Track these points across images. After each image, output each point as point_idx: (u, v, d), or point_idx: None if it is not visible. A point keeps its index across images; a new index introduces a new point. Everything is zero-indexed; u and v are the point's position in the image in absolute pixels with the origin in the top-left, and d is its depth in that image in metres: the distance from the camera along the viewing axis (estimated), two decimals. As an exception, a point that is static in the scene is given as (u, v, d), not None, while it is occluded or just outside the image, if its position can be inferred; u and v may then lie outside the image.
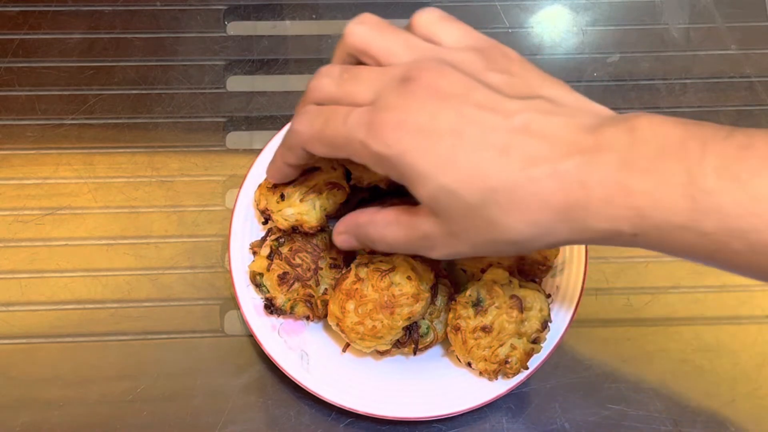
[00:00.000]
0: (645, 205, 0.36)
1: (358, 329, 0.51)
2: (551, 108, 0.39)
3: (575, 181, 0.37)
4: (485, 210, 0.38)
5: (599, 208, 0.37)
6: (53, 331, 0.59)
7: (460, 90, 0.40)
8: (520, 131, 0.38)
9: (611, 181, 0.36)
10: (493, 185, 0.38)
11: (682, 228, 0.36)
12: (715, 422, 0.57)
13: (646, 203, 0.36)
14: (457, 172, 0.38)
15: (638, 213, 0.36)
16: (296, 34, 0.72)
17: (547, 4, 0.74)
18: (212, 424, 0.56)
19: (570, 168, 0.37)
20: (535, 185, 0.37)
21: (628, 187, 0.36)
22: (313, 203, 0.53)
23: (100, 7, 0.72)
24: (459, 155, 0.38)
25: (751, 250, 0.35)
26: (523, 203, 0.38)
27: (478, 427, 0.57)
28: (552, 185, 0.37)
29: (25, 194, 0.64)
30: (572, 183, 0.37)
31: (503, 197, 0.38)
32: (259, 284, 0.55)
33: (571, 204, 0.37)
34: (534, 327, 0.52)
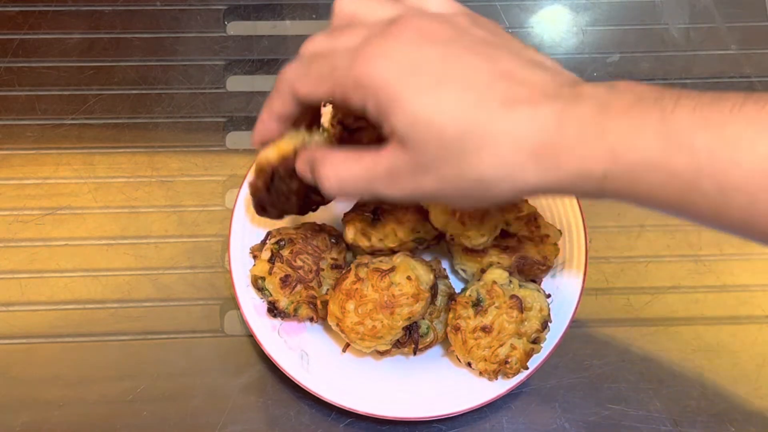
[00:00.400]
0: (618, 143, 0.36)
1: (358, 329, 0.51)
2: (534, 64, 0.40)
3: (552, 123, 0.37)
4: (459, 143, 0.38)
5: (572, 148, 0.37)
6: (53, 331, 0.59)
7: (447, 35, 0.40)
8: (504, 76, 0.39)
9: (587, 122, 0.37)
10: (471, 119, 0.38)
11: (653, 167, 0.36)
12: (715, 422, 0.57)
13: (619, 142, 0.36)
14: (436, 102, 0.39)
15: (611, 152, 0.36)
16: (296, 34, 0.72)
17: (547, 4, 0.74)
18: (212, 424, 0.56)
19: (548, 112, 0.37)
20: (512, 124, 0.38)
21: (603, 127, 0.36)
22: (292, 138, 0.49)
23: (100, 7, 0.72)
24: (441, 88, 0.39)
25: (719, 191, 0.35)
26: (498, 140, 0.38)
27: (478, 427, 0.57)
28: (528, 126, 0.37)
29: (25, 194, 0.64)
30: (549, 124, 0.37)
31: (478, 132, 0.38)
32: (261, 288, 0.55)
33: (545, 144, 0.37)
34: (534, 327, 0.52)
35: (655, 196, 0.37)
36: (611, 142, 0.36)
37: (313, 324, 0.56)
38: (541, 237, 0.56)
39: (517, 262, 0.55)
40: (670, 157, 0.35)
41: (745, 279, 0.62)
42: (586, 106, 0.37)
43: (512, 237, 0.55)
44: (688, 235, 0.63)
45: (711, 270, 0.62)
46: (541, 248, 0.55)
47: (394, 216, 0.54)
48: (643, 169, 0.36)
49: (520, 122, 0.38)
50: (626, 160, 0.36)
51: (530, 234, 0.56)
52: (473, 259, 0.56)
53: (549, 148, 0.37)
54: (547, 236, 0.56)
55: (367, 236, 0.54)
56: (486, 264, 0.55)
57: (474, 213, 0.51)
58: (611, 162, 0.36)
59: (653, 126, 0.36)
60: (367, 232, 0.54)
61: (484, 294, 0.52)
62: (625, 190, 0.37)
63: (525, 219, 0.56)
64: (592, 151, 0.37)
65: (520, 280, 0.53)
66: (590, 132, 0.37)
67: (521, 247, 0.55)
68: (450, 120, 0.38)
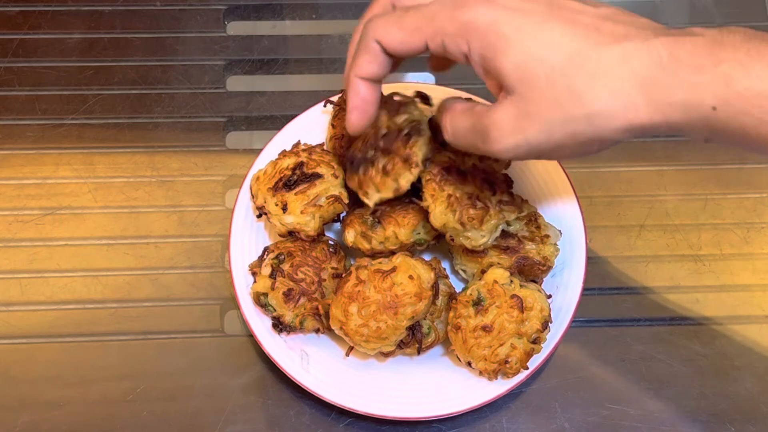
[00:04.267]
0: (733, 70, 0.36)
1: (362, 331, 0.51)
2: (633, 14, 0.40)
3: (665, 53, 0.37)
4: (570, 76, 0.38)
5: (686, 75, 0.37)
6: (53, 331, 0.59)
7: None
8: (609, 17, 0.39)
9: (701, 52, 0.37)
10: (581, 53, 0.38)
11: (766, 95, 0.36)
12: (715, 422, 0.57)
13: (734, 69, 0.36)
14: (545, 39, 0.38)
15: (724, 77, 0.36)
16: (296, 34, 0.72)
17: None
18: (212, 424, 0.56)
19: (659, 44, 0.37)
20: (623, 55, 0.38)
21: (717, 57, 0.36)
22: (312, 215, 0.54)
23: (100, 7, 0.72)
24: (550, 26, 0.39)
25: None
26: (610, 70, 0.38)
27: (478, 427, 0.57)
28: (640, 56, 0.37)
29: (25, 194, 0.64)
30: (661, 55, 0.37)
31: (590, 63, 0.38)
32: (265, 304, 0.55)
33: (657, 74, 0.37)
34: (534, 327, 0.52)
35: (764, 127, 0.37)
36: (725, 69, 0.36)
37: (319, 335, 0.56)
38: (542, 237, 0.56)
39: (518, 263, 0.55)
40: None
41: (745, 279, 0.62)
42: (698, 40, 0.37)
43: (512, 237, 0.55)
44: (688, 235, 0.63)
45: (711, 270, 0.62)
46: (541, 248, 0.55)
47: (393, 218, 0.54)
48: (755, 95, 0.36)
49: (631, 53, 0.38)
50: (740, 87, 0.36)
51: (530, 234, 0.56)
52: (473, 260, 0.56)
53: (660, 79, 0.37)
54: (547, 236, 0.56)
55: (368, 239, 0.54)
56: (486, 264, 0.55)
57: (474, 213, 0.51)
58: (724, 87, 0.36)
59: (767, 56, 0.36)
60: (367, 235, 0.54)
61: (485, 293, 0.52)
62: (734, 123, 0.37)
63: (525, 219, 0.56)
64: (705, 78, 0.36)
65: (520, 280, 0.53)
66: (704, 61, 0.37)
67: (521, 248, 0.55)
68: (561, 53, 0.38)
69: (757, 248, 0.63)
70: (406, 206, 0.55)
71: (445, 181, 0.52)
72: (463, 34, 0.40)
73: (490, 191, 0.52)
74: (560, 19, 0.39)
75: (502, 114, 0.40)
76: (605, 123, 0.38)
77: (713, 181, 0.65)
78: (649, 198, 0.65)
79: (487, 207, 0.51)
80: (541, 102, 0.39)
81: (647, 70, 0.37)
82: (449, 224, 0.51)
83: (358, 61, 0.44)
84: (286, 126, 0.62)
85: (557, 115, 0.39)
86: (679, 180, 0.65)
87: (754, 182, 0.65)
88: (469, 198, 0.51)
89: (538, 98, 0.39)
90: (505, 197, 0.53)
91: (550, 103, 0.39)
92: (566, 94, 0.38)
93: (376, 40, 0.43)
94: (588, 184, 0.65)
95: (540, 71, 0.38)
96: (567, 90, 0.38)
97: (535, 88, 0.39)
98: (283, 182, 0.55)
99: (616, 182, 0.65)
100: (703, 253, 0.63)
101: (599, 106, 0.38)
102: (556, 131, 0.39)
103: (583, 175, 0.65)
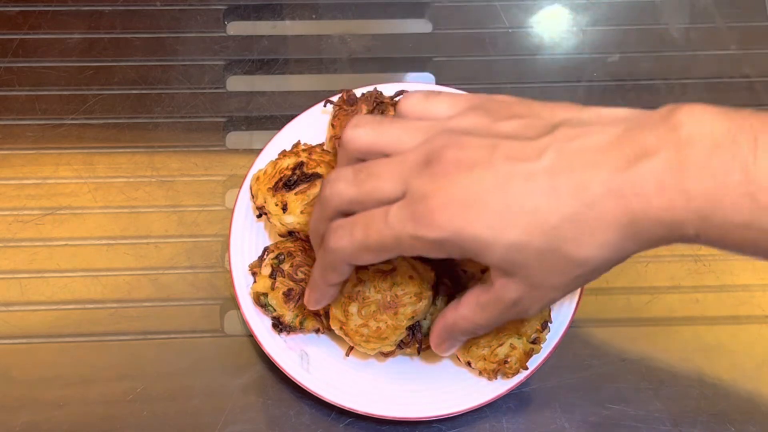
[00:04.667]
0: (706, 207, 0.36)
1: (362, 331, 0.51)
2: (575, 132, 0.39)
3: (631, 194, 0.37)
4: (557, 250, 0.39)
5: (661, 216, 0.37)
6: (53, 331, 0.59)
7: (485, 153, 0.40)
8: (558, 167, 0.39)
9: (668, 186, 0.36)
10: (555, 223, 0.38)
11: (743, 226, 0.36)
12: (715, 422, 0.57)
13: (706, 206, 0.36)
14: (516, 226, 0.39)
15: (699, 216, 0.36)
16: (296, 34, 0.72)
17: (547, 4, 0.74)
18: (212, 424, 0.56)
19: (621, 183, 0.37)
20: (594, 209, 0.38)
21: (686, 191, 0.36)
22: None
23: (100, 7, 0.72)
24: (512, 211, 0.39)
25: None
26: (588, 229, 0.38)
27: (478, 427, 0.57)
28: (609, 204, 0.37)
29: (25, 194, 0.64)
30: (628, 197, 0.37)
31: (569, 231, 0.38)
32: (265, 304, 0.55)
33: (634, 217, 0.37)
34: (534, 327, 0.52)
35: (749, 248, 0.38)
36: (698, 204, 0.36)
37: (319, 335, 0.56)
38: (541, 237, 0.56)
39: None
40: (760, 217, 0.36)
41: (745, 279, 0.62)
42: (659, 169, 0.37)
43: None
44: (688, 235, 0.63)
45: (711, 270, 0.62)
46: (541, 248, 0.55)
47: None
48: (733, 226, 0.36)
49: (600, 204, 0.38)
50: (715, 221, 0.36)
51: (530, 234, 0.56)
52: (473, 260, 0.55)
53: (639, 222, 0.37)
54: (547, 236, 0.56)
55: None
56: (486, 264, 0.55)
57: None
58: (701, 222, 0.37)
59: (738, 186, 0.36)
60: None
61: None
62: (718, 243, 0.38)
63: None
64: (681, 215, 0.37)
65: None
66: (675, 199, 0.37)
67: (521, 247, 0.55)
68: (538, 235, 0.38)
69: (757, 248, 0.63)
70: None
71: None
72: (438, 250, 0.41)
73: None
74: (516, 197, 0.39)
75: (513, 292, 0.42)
76: (605, 267, 0.40)
77: (713, 181, 0.65)
78: (649, 198, 0.65)
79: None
80: (543, 276, 0.40)
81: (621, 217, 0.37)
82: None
83: (329, 276, 0.46)
84: (286, 126, 0.62)
85: (564, 279, 0.41)
86: (679, 180, 0.65)
87: (754, 182, 0.65)
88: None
89: (539, 275, 0.40)
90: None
91: (551, 274, 0.40)
92: (562, 265, 0.39)
93: (348, 263, 0.44)
94: (588, 184, 0.65)
95: (528, 257, 0.39)
96: (561, 261, 0.39)
97: (530, 269, 0.40)
98: (283, 182, 0.55)
99: (616, 182, 0.65)
100: (703, 253, 0.63)
101: (594, 261, 0.39)
102: (567, 287, 0.42)
103: (583, 175, 0.65)
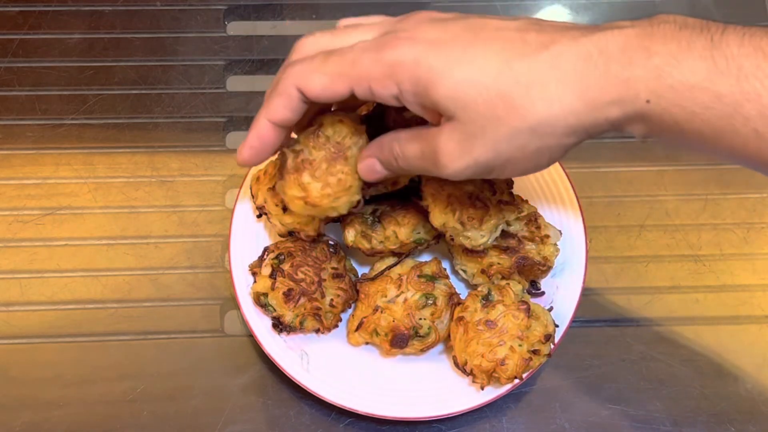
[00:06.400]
0: (664, 63, 0.36)
1: (326, 192, 0.48)
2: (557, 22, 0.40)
3: (595, 50, 0.37)
4: (505, 93, 0.38)
5: (618, 70, 0.37)
6: (53, 331, 0.59)
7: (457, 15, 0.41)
8: (532, 28, 0.39)
9: (632, 46, 0.37)
10: (513, 65, 0.38)
11: (698, 88, 0.36)
12: (715, 422, 0.57)
13: (665, 62, 0.36)
14: (474, 61, 0.38)
15: (657, 72, 0.36)
16: (296, 34, 0.71)
17: (547, 4, 0.74)
18: (212, 424, 0.56)
19: (588, 42, 0.37)
20: (555, 59, 0.37)
21: (648, 49, 0.36)
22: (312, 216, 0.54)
23: (100, 7, 0.72)
24: (475, 49, 0.39)
25: (761, 116, 0.35)
26: (543, 78, 0.38)
27: (478, 427, 0.57)
28: (571, 57, 0.37)
29: (25, 194, 0.64)
30: (592, 51, 0.37)
31: (522, 75, 0.38)
32: (265, 304, 0.54)
33: (590, 72, 0.37)
34: (537, 335, 0.52)
35: (697, 120, 0.36)
36: (657, 62, 0.36)
37: (319, 335, 0.56)
38: (542, 237, 0.56)
39: (518, 263, 0.55)
40: (716, 77, 0.35)
41: (745, 279, 0.62)
42: (628, 32, 0.37)
43: (512, 237, 0.55)
44: (688, 235, 0.63)
45: (711, 270, 0.62)
46: (541, 248, 0.55)
47: (393, 217, 0.54)
48: (687, 88, 0.36)
49: (561, 56, 0.37)
50: (672, 80, 0.36)
51: (530, 234, 0.56)
52: (473, 260, 0.56)
53: (593, 77, 0.37)
54: (547, 236, 0.56)
55: (368, 238, 0.54)
56: (486, 264, 0.55)
57: (474, 213, 0.51)
58: (657, 81, 0.36)
59: (700, 49, 0.36)
60: (367, 235, 0.54)
61: (495, 292, 0.53)
62: (667, 117, 0.37)
63: (525, 219, 0.56)
64: (637, 72, 0.36)
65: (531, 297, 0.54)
66: (635, 54, 0.36)
67: (521, 248, 0.55)
68: (491, 75, 0.38)
69: (757, 248, 0.63)
70: (406, 206, 0.55)
71: (445, 181, 0.52)
72: (391, 76, 0.40)
73: (490, 191, 0.52)
74: (483, 40, 0.39)
75: (446, 139, 0.40)
76: (548, 131, 0.38)
77: (713, 181, 0.65)
78: (649, 198, 0.65)
79: (487, 207, 0.51)
80: (482, 123, 0.39)
81: (579, 71, 0.37)
82: (449, 224, 0.51)
83: (273, 104, 0.44)
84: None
85: (501, 132, 0.39)
86: (679, 180, 0.65)
87: (754, 182, 0.65)
88: (468, 198, 0.51)
89: (479, 120, 0.39)
90: (505, 197, 0.53)
91: (492, 122, 0.39)
92: (505, 111, 0.38)
93: (297, 87, 0.42)
94: (588, 184, 0.65)
95: (475, 94, 0.38)
96: (505, 106, 0.38)
97: (473, 110, 0.39)
98: None
99: (616, 182, 0.65)
100: (703, 253, 0.63)
101: (539, 116, 0.38)
102: (503, 148, 0.39)
103: (583, 175, 0.65)
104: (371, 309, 0.54)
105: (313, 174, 0.48)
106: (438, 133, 0.41)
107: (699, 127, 0.37)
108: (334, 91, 0.42)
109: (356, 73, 0.41)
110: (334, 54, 0.42)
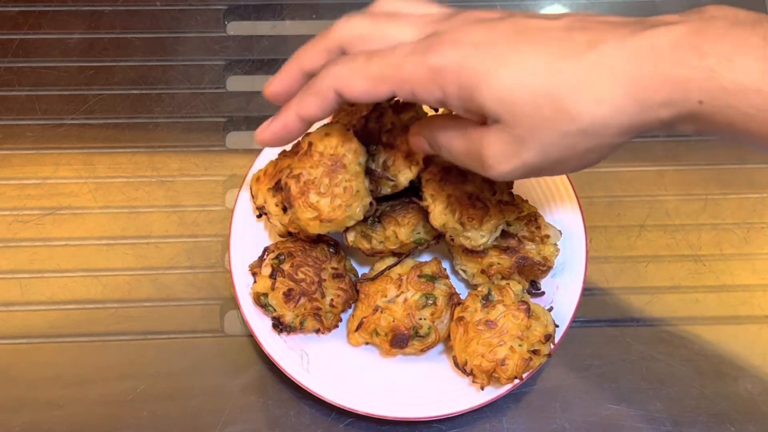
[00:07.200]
0: (717, 64, 0.35)
1: (337, 204, 0.49)
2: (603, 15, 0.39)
3: (645, 48, 0.36)
4: (553, 94, 0.37)
5: (669, 70, 0.36)
6: (53, 331, 0.59)
7: (500, 15, 0.40)
8: (577, 26, 0.38)
9: (683, 45, 0.36)
10: (561, 66, 0.37)
11: (753, 89, 0.35)
12: (715, 422, 0.57)
13: (718, 63, 0.35)
14: (520, 63, 0.38)
15: (709, 73, 0.35)
16: (296, 34, 0.72)
17: (547, 4, 0.74)
18: (212, 424, 0.56)
19: (638, 40, 0.37)
20: (604, 58, 0.37)
21: (700, 49, 0.36)
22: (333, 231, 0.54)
23: (100, 7, 0.72)
24: (521, 51, 0.38)
25: None
26: (593, 78, 0.37)
27: (478, 427, 0.57)
28: (621, 55, 0.37)
29: (25, 194, 0.64)
30: (642, 50, 0.36)
31: (572, 76, 0.37)
32: (265, 304, 0.54)
33: (641, 72, 0.36)
34: (537, 336, 0.52)
35: (751, 122, 0.36)
36: (709, 63, 0.35)
37: (320, 335, 0.56)
38: (542, 237, 0.56)
39: (518, 263, 0.55)
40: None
41: (745, 279, 0.62)
42: (678, 32, 0.36)
43: (512, 237, 0.55)
44: (688, 235, 0.63)
45: (711, 270, 0.62)
46: (541, 248, 0.55)
47: (393, 217, 0.54)
48: (741, 90, 0.35)
49: (610, 56, 0.37)
50: (725, 81, 0.35)
51: (530, 234, 0.56)
52: (473, 260, 0.56)
53: (644, 78, 0.36)
54: (548, 236, 0.56)
55: (368, 238, 0.54)
56: (486, 264, 0.55)
57: (474, 213, 0.51)
58: (709, 81, 0.35)
59: (753, 49, 0.35)
60: (367, 235, 0.54)
61: (495, 292, 0.52)
62: (720, 117, 0.36)
63: (525, 219, 0.56)
64: (689, 72, 0.36)
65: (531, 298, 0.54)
66: (687, 55, 0.36)
67: (521, 248, 0.55)
68: (538, 77, 0.37)
69: (757, 248, 0.63)
70: (406, 206, 0.55)
71: (445, 181, 0.52)
72: (435, 81, 0.39)
73: (490, 191, 0.52)
74: (529, 41, 0.38)
75: (493, 141, 0.40)
76: (599, 132, 0.38)
77: (713, 181, 0.65)
78: (649, 198, 0.65)
79: (487, 207, 0.51)
80: (530, 125, 0.38)
81: (629, 71, 0.36)
82: (449, 224, 0.51)
83: (307, 101, 0.43)
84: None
85: (550, 135, 0.38)
86: (679, 180, 0.65)
87: (754, 182, 0.65)
88: (469, 198, 0.51)
89: (526, 122, 0.38)
90: (505, 197, 0.53)
91: (540, 124, 0.38)
92: (554, 112, 0.37)
93: (336, 89, 0.42)
94: (588, 184, 0.65)
95: (521, 96, 0.38)
96: (553, 108, 0.37)
97: (520, 113, 0.38)
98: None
99: (616, 182, 0.65)
100: (703, 253, 0.63)
101: (589, 117, 0.37)
102: (552, 150, 0.39)
103: (583, 175, 0.65)
104: (371, 309, 0.54)
105: (319, 191, 0.49)
106: (485, 134, 0.40)
107: (752, 128, 0.36)
108: (376, 95, 0.41)
109: (399, 77, 0.40)
110: (375, 56, 0.41)
